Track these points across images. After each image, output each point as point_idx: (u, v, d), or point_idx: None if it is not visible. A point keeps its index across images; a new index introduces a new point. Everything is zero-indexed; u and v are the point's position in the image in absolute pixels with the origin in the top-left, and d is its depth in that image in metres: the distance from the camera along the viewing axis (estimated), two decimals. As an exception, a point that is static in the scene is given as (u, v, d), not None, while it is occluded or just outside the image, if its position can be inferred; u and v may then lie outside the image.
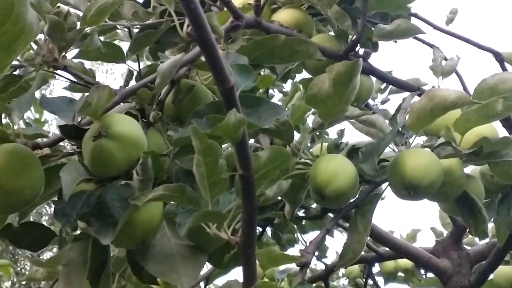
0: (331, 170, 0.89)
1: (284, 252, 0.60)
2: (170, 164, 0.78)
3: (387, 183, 0.99)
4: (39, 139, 0.78)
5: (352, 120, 1.11)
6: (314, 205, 1.90)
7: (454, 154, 0.94)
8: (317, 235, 0.93)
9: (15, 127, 0.72)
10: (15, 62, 0.91)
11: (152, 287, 0.92)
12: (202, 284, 1.63)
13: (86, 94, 0.70)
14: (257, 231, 0.73)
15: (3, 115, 0.73)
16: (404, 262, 2.35)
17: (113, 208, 0.66)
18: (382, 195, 1.02)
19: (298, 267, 0.87)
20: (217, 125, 0.53)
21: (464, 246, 1.66)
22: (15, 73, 0.90)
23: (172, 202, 0.73)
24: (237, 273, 1.91)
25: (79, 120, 0.76)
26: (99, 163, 0.71)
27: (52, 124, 4.81)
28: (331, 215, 1.33)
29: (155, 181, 0.72)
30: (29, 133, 0.77)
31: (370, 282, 2.36)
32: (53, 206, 0.71)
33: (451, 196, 0.98)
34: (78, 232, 0.76)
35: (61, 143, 0.80)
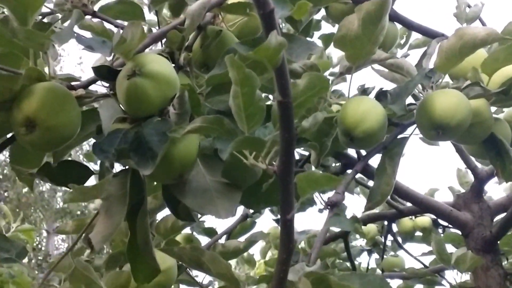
0: (361, 111, 0.89)
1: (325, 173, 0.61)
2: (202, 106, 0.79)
3: (414, 128, 1.00)
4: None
5: (378, 67, 1.11)
6: (333, 164, 1.91)
7: (482, 94, 0.94)
8: (347, 176, 0.94)
9: (50, 67, 0.73)
10: (45, 9, 0.92)
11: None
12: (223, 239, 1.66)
13: (121, 31, 0.70)
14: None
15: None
16: (422, 220, 2.37)
17: (151, 142, 0.67)
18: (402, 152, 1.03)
19: (328, 208, 0.88)
20: (258, 47, 0.53)
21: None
22: (44, 20, 0.90)
23: (207, 139, 0.74)
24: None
25: (112, 61, 0.77)
26: (134, 102, 0.72)
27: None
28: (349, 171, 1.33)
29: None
30: (62, 77, 0.78)
31: (389, 241, 2.40)
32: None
33: (478, 138, 0.98)
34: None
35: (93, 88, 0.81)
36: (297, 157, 1.63)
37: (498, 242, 1.57)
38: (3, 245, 0.67)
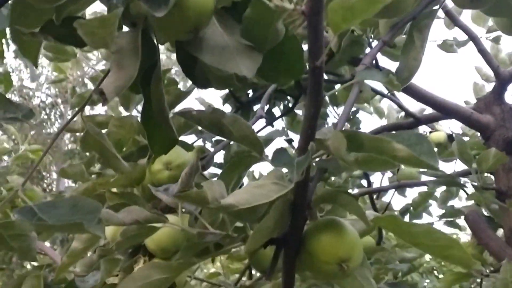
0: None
1: None
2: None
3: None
4: None
5: None
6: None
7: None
8: (374, 48, 0.88)
9: None
10: None
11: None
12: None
13: None
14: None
15: None
16: (438, 135, 2.32)
17: (163, -16, 0.60)
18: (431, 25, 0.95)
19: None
20: None
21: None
22: None
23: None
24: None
25: None
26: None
27: None
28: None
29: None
30: None
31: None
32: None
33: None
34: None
35: None
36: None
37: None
38: (8, 107, 0.63)
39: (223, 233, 0.70)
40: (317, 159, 0.66)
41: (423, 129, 2.45)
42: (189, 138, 1.48)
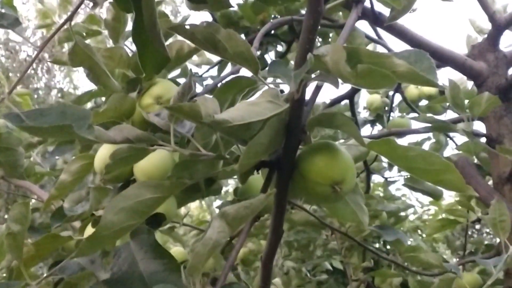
0: None
1: None
2: None
3: None
4: None
5: None
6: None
7: None
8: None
9: None
10: None
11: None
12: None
13: None
14: None
15: None
16: (429, 88, 2.31)
17: None
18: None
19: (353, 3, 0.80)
20: None
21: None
22: None
23: None
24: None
25: None
26: None
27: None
28: None
29: None
30: None
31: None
32: None
33: None
34: None
35: None
36: None
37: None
38: (-8, 15, 0.60)
39: (215, 154, 0.68)
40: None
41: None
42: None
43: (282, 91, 2.13)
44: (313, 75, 0.63)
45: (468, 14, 2.17)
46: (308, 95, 0.73)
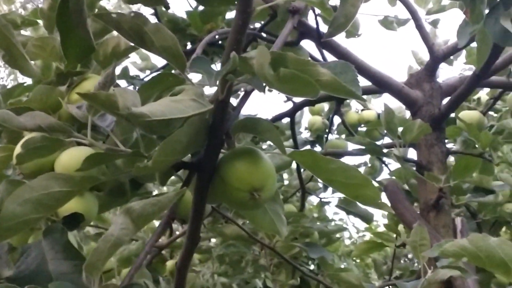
0: None
1: None
2: None
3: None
4: None
5: None
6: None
7: None
8: None
9: None
10: None
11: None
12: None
13: None
14: None
15: None
16: (368, 114, 2.36)
17: None
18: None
19: (290, 14, 0.80)
20: None
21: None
22: None
23: None
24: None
25: None
26: None
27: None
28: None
29: None
30: None
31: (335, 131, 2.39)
32: None
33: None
34: None
35: None
36: None
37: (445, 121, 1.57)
38: None
39: (132, 151, 0.66)
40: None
41: (355, 106, 2.50)
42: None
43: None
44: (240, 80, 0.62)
45: (412, 46, 2.25)
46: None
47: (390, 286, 1.47)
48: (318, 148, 2.55)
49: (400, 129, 1.82)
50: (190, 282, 2.15)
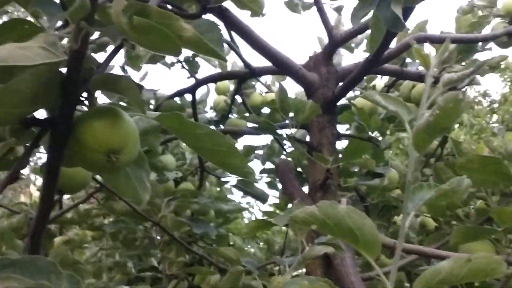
0: None
1: None
2: None
3: None
4: None
5: None
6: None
7: None
8: None
9: None
10: None
11: None
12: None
13: None
14: None
15: None
16: (272, 96, 2.37)
17: None
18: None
19: None
20: None
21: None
22: None
23: None
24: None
25: None
26: None
27: None
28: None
29: None
30: None
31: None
32: None
33: None
34: None
35: None
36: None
37: (337, 104, 1.60)
38: None
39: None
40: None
41: (260, 89, 2.50)
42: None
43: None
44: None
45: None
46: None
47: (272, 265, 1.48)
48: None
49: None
50: (78, 257, 2.07)
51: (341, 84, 1.60)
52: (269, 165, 2.19)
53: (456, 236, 1.13)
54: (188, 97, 2.07)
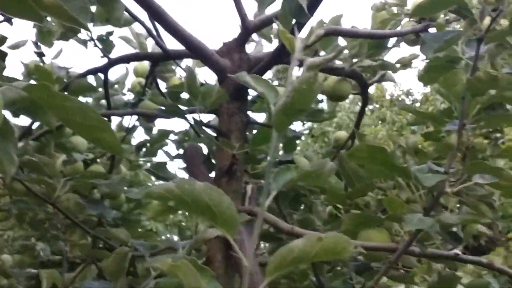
0: None
1: None
2: None
3: None
4: None
5: None
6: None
7: None
8: None
9: None
10: None
11: None
12: None
13: None
14: None
15: None
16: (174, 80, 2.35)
17: None
18: None
19: None
20: None
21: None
22: None
23: None
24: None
25: None
26: None
27: None
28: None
29: None
30: None
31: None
32: None
33: None
34: None
35: None
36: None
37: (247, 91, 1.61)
38: None
39: None
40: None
41: (179, 73, 2.47)
42: None
43: (42, 54, 1.93)
44: None
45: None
46: None
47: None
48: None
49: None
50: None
51: (254, 71, 1.60)
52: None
53: (346, 224, 1.17)
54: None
